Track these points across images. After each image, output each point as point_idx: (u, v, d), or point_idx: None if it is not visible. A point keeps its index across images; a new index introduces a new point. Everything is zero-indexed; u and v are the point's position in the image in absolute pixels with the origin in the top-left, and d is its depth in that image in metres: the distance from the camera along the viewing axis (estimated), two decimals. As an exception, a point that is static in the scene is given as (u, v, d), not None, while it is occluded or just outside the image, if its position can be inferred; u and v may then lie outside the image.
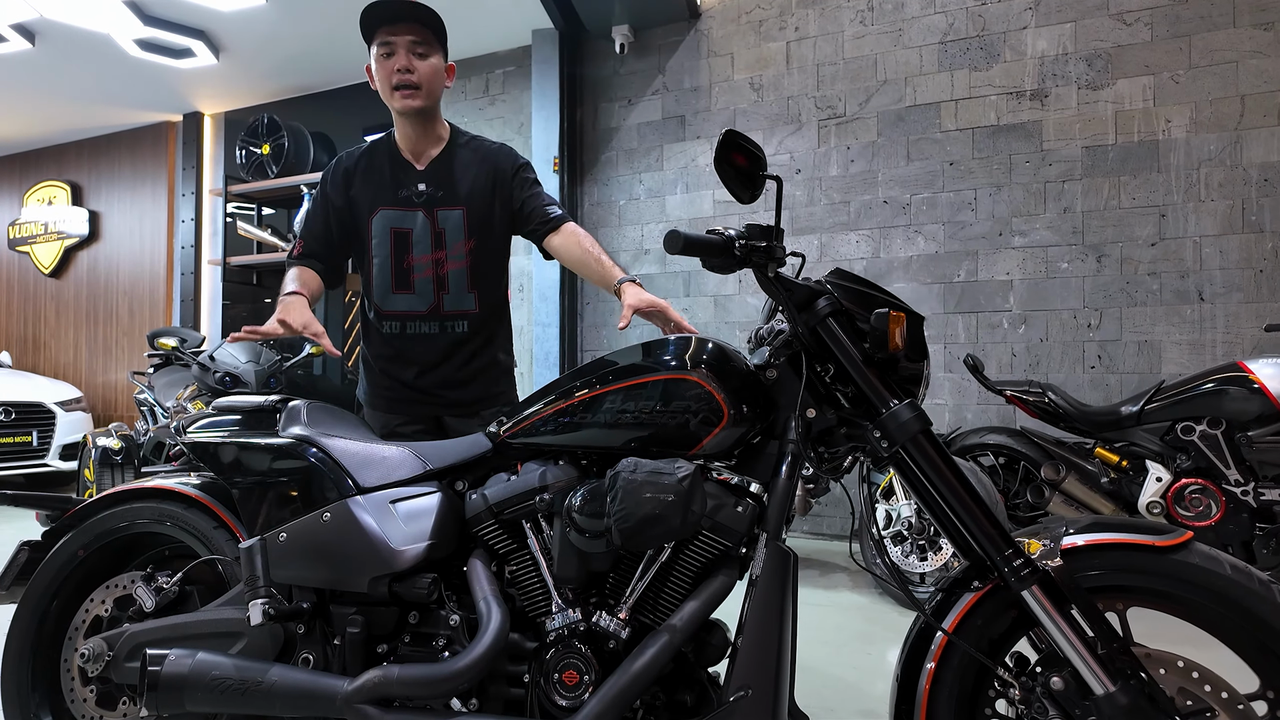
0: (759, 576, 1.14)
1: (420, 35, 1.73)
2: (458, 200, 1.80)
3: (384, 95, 1.76)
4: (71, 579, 1.51)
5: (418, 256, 1.78)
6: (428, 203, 1.78)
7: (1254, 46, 3.34)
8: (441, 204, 1.79)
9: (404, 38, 1.71)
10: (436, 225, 1.79)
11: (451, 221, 1.79)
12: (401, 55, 1.71)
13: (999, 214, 3.76)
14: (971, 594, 1.15)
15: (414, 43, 1.72)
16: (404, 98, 1.72)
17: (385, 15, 1.70)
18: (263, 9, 4.31)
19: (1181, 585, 1.06)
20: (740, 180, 1.18)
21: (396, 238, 1.78)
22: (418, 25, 1.72)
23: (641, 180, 4.60)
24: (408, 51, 1.71)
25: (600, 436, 1.25)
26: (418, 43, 1.72)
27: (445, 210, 1.79)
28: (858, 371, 1.19)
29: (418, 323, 1.81)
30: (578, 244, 1.77)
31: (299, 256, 1.80)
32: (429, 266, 1.78)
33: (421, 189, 1.78)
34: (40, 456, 5.39)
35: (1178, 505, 2.66)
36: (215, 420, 1.47)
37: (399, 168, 1.80)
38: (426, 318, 1.81)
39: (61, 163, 6.88)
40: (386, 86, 1.74)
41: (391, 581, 1.27)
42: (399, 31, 1.71)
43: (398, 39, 1.71)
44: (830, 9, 4.13)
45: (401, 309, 1.81)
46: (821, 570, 3.44)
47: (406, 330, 1.81)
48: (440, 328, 1.81)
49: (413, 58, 1.72)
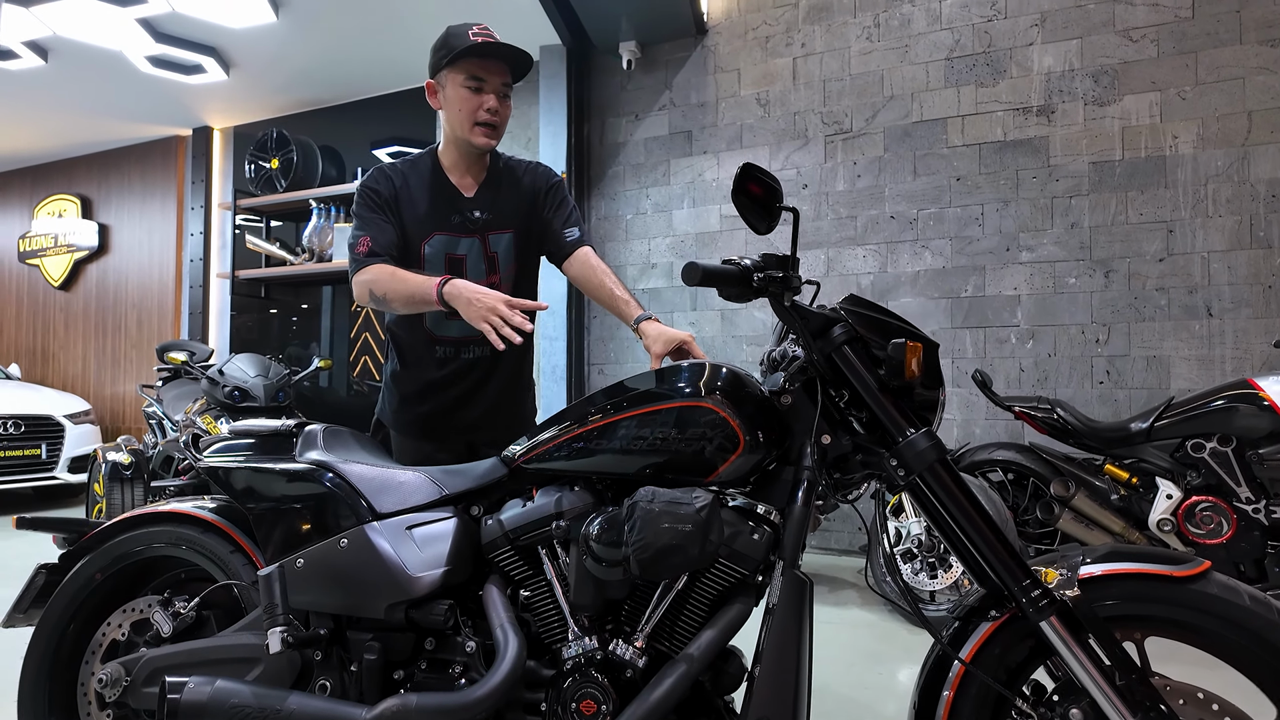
0: (776, 604, 1.14)
1: (509, 77, 1.75)
2: (508, 224, 1.81)
3: (458, 126, 1.74)
4: (89, 603, 1.52)
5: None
6: (482, 227, 1.79)
7: (1261, 63, 3.35)
8: (493, 228, 1.80)
9: (496, 78, 1.72)
10: (489, 249, 1.80)
11: (503, 245, 1.81)
12: (491, 96, 1.72)
13: (1006, 229, 3.76)
14: (989, 623, 1.15)
15: (504, 84, 1.74)
16: (485, 136, 1.74)
17: (485, 51, 1.68)
18: (273, 26, 4.35)
19: (1200, 615, 1.06)
20: (756, 211, 1.19)
21: (451, 263, 1.77)
22: (510, 66, 1.73)
23: (648, 195, 4.61)
24: (496, 93, 1.72)
25: (615, 463, 1.26)
26: (507, 84, 1.75)
27: (497, 234, 1.81)
28: (874, 400, 1.19)
29: (473, 347, 1.81)
30: (593, 273, 1.80)
31: (371, 253, 1.69)
32: None
33: (476, 215, 1.79)
34: (49, 469, 5.41)
35: (1188, 523, 2.65)
36: (231, 444, 1.48)
37: (450, 193, 1.80)
38: (481, 342, 1.77)
39: (72, 176, 6.93)
40: (468, 121, 1.72)
41: (408, 608, 1.27)
42: (494, 70, 1.72)
43: (492, 78, 1.72)
44: (836, 25, 4.15)
45: (456, 334, 1.80)
46: (831, 586, 3.43)
47: (461, 355, 1.81)
48: (492, 350, 1.77)
49: (501, 100, 1.73)
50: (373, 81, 5.23)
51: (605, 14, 4.27)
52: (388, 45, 4.67)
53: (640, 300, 4.52)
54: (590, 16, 4.31)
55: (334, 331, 5.84)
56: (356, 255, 1.71)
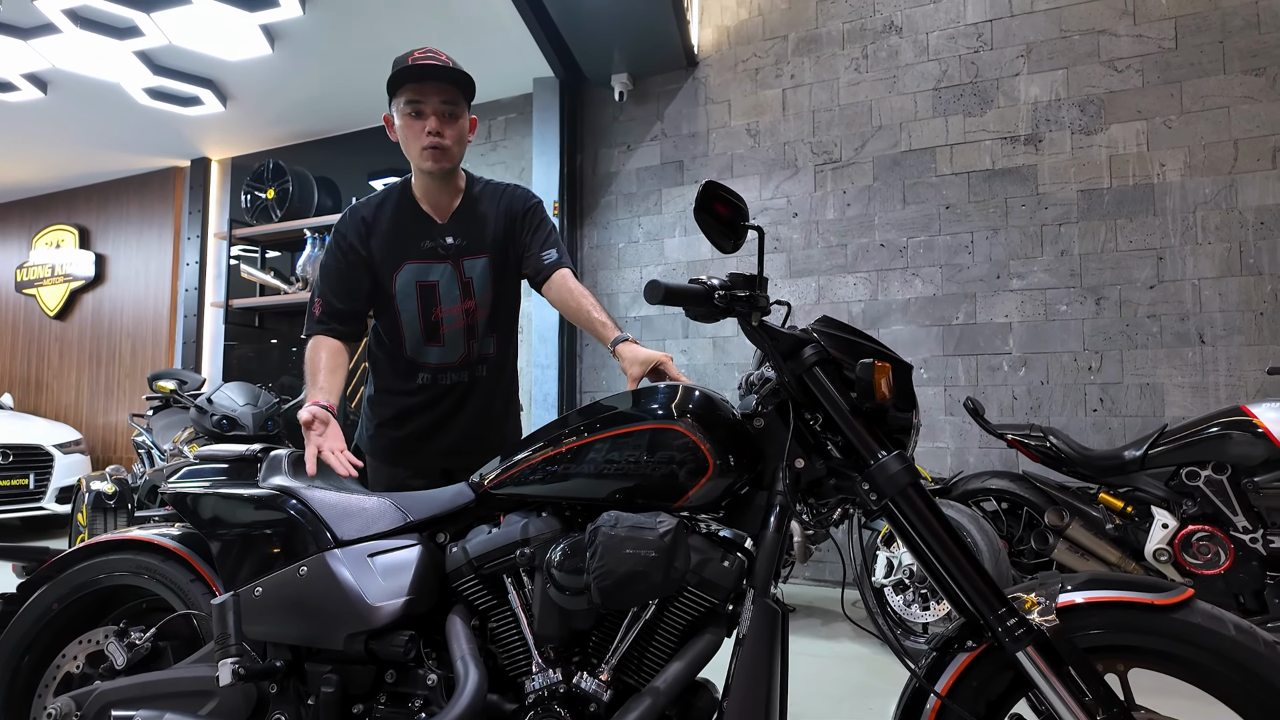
0: (746, 635, 1.10)
1: (450, 95, 1.69)
2: (483, 248, 1.79)
3: (409, 153, 1.72)
4: (45, 633, 1.48)
5: (446, 308, 1.76)
6: (455, 253, 1.77)
7: (1245, 92, 3.38)
8: (467, 254, 1.78)
9: (434, 98, 1.67)
10: (463, 275, 1.77)
11: (478, 270, 1.78)
12: (432, 118, 1.67)
13: (996, 257, 3.76)
14: (966, 654, 1.11)
15: (444, 103, 1.68)
16: (434, 160, 1.69)
17: (417, 75, 1.67)
18: (269, 58, 4.40)
19: (1183, 646, 1.02)
20: (721, 230, 1.17)
21: (423, 291, 1.76)
22: (448, 85, 1.68)
23: (640, 224, 4.63)
24: (437, 113, 1.67)
25: (584, 487, 1.23)
26: (447, 102, 1.68)
27: (471, 260, 1.78)
28: (845, 422, 1.16)
29: (450, 373, 1.80)
30: (570, 295, 1.76)
31: (320, 319, 1.73)
32: (460, 318, 1.77)
33: (449, 241, 1.77)
34: (37, 499, 5.35)
35: (1185, 553, 2.59)
36: (196, 469, 1.45)
37: (420, 221, 1.78)
38: (458, 368, 1.80)
39: (71, 207, 6.98)
40: (415, 146, 1.69)
41: (368, 639, 1.23)
42: (429, 91, 1.67)
43: (427, 99, 1.67)
44: (825, 57, 4.20)
45: (434, 361, 1.80)
46: (823, 619, 3.35)
47: (438, 380, 1.80)
48: (470, 375, 1.81)
49: (442, 120, 1.68)
50: (368, 113, 5.29)
51: (597, 47, 4.33)
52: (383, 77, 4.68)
53: (633, 328, 4.54)
54: (583, 50, 4.36)
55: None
56: (310, 313, 1.75)
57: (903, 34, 4.03)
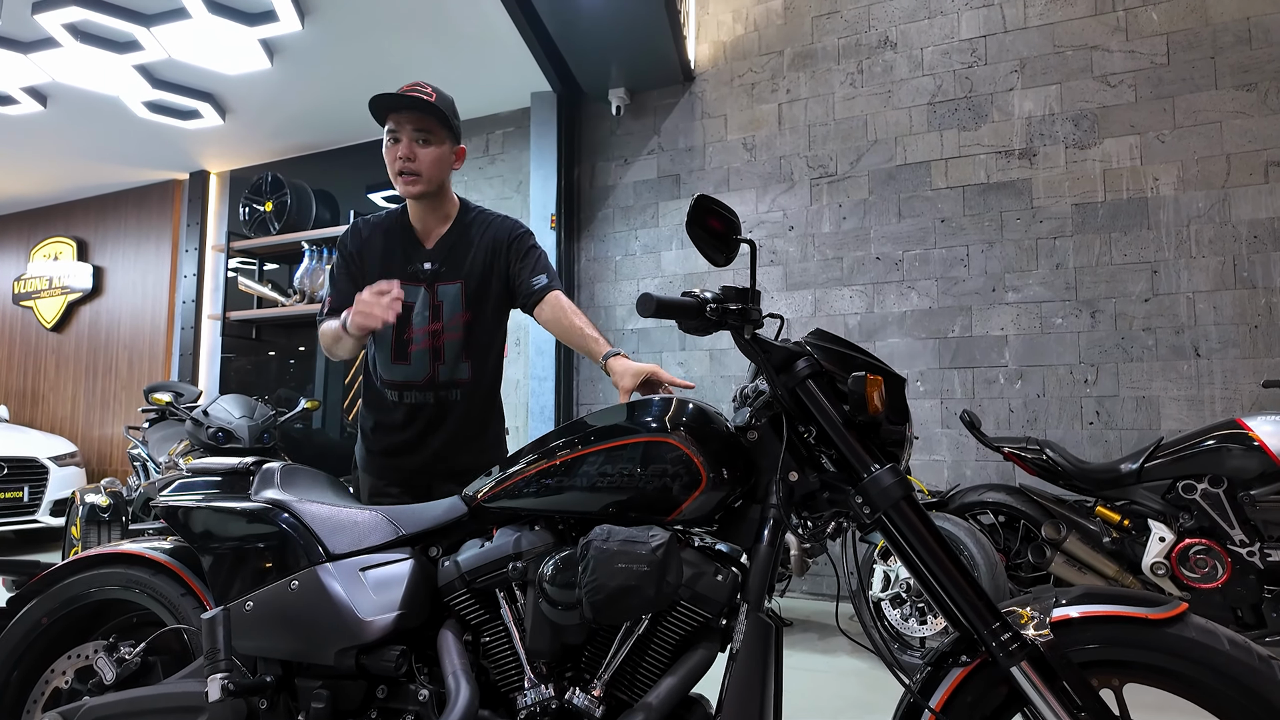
0: (739, 649, 1.10)
1: (424, 124, 1.76)
2: (458, 275, 1.84)
3: (391, 178, 1.81)
4: (34, 648, 1.46)
5: (416, 329, 1.82)
6: (430, 277, 1.83)
7: (1237, 107, 3.40)
8: (442, 279, 1.84)
9: (408, 126, 1.76)
10: (435, 299, 1.83)
11: (449, 296, 1.83)
12: (405, 143, 1.75)
13: (991, 270, 3.78)
14: (960, 669, 1.10)
15: (417, 130, 1.76)
16: (405, 184, 1.77)
17: (392, 103, 1.75)
18: (268, 72, 4.43)
19: (1178, 660, 1.02)
20: (714, 244, 1.17)
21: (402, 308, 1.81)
22: (422, 114, 1.76)
23: (637, 236, 4.65)
24: (411, 140, 1.75)
25: (577, 500, 1.22)
26: (421, 130, 1.76)
27: (445, 285, 1.83)
28: (838, 435, 1.16)
29: (414, 392, 1.84)
30: (563, 315, 1.80)
31: (329, 313, 1.82)
32: (426, 338, 1.82)
33: (427, 267, 1.83)
34: (30, 512, 5.32)
35: (1183, 566, 2.59)
36: (188, 483, 1.44)
37: (410, 244, 1.86)
38: (423, 387, 1.84)
39: (70, 219, 6.99)
40: (392, 172, 1.79)
41: (359, 653, 1.22)
42: (404, 120, 1.76)
43: (402, 127, 1.76)
44: (821, 72, 4.23)
45: (400, 378, 1.84)
46: (820, 634, 3.34)
47: (404, 399, 1.84)
48: (435, 397, 1.84)
49: (415, 145, 1.75)
50: (366, 126, 5.31)
51: (595, 62, 4.36)
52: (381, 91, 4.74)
53: (629, 341, 4.55)
54: (580, 65, 4.39)
55: (328, 374, 5.81)
56: (319, 313, 1.87)
57: (897, 49, 4.06)
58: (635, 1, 3.75)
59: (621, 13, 3.84)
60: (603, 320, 4.69)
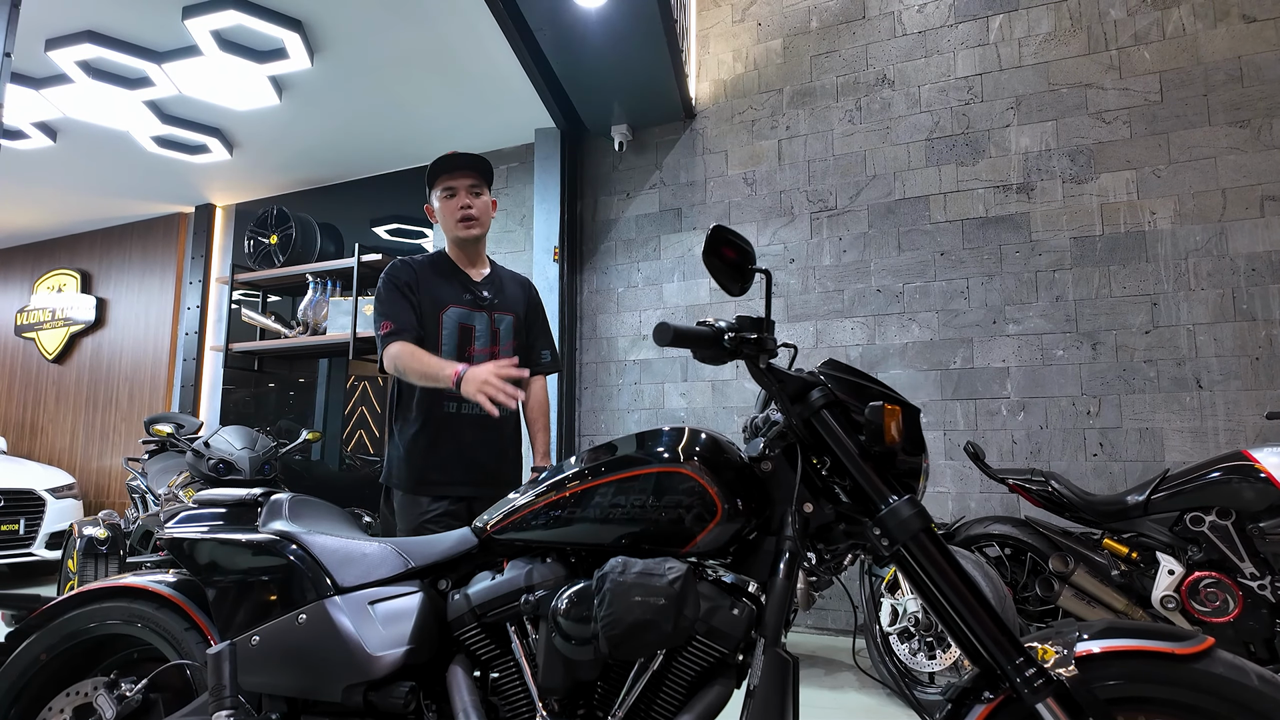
0: (757, 686, 1.07)
1: (475, 179, 2.19)
2: (509, 308, 2.24)
3: (447, 227, 2.19)
4: (33, 684, 1.43)
5: (479, 348, 2.16)
6: (489, 306, 2.20)
7: (1231, 143, 3.46)
8: (498, 309, 2.22)
9: (464, 182, 2.18)
10: (494, 325, 2.20)
11: (505, 324, 2.22)
12: (463, 195, 2.17)
13: (992, 302, 3.80)
14: (983, 705, 1.08)
15: (471, 185, 2.19)
16: (467, 227, 2.17)
17: (448, 166, 2.17)
18: (276, 108, 4.50)
19: (1205, 697, 1.00)
20: (729, 274, 1.18)
21: (463, 331, 2.16)
22: (473, 172, 2.18)
23: (639, 269, 4.68)
24: (467, 192, 2.18)
25: (589, 532, 1.21)
26: (474, 185, 2.19)
27: (501, 314, 2.22)
28: (855, 466, 1.16)
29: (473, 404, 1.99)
30: (537, 404, 2.29)
31: (393, 333, 2.03)
32: (486, 358, 2.14)
33: (485, 295, 2.21)
34: (26, 545, 5.25)
35: (1193, 600, 2.56)
36: (194, 514, 1.43)
37: (461, 277, 2.21)
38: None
39: (75, 252, 7.03)
40: (451, 220, 2.17)
41: (367, 690, 1.20)
42: (459, 177, 2.18)
43: (458, 183, 2.18)
44: (820, 109, 4.30)
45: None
46: (826, 669, 3.28)
47: (463, 410, 2.11)
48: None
49: (471, 197, 2.18)
50: (373, 162, 5.38)
51: (598, 99, 4.43)
52: (388, 127, 4.82)
53: (632, 372, 4.55)
54: (584, 102, 4.47)
55: (329, 405, 5.79)
56: (381, 334, 2.08)
57: (895, 87, 4.13)
58: (638, 42, 3.83)
59: (625, 52, 3.92)
60: (605, 351, 4.69)
